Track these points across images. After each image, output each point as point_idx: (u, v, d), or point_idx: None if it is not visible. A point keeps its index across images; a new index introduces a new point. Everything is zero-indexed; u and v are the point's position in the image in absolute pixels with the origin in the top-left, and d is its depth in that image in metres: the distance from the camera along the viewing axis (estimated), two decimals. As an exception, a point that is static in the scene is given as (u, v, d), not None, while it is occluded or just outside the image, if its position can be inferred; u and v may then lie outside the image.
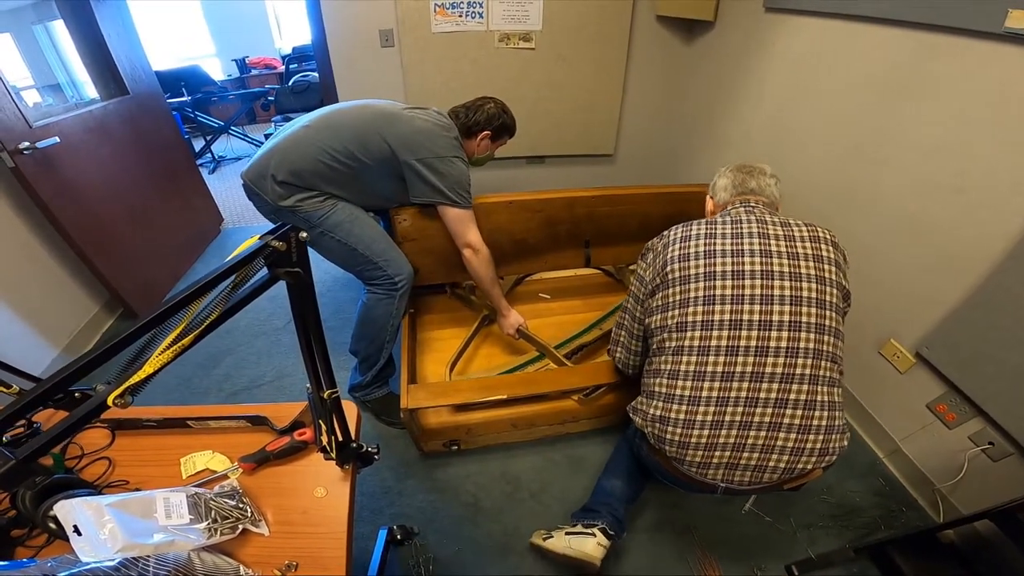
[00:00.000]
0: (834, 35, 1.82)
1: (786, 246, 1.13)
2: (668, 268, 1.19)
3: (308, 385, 0.79)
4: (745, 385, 1.09)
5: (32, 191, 1.90)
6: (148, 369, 0.48)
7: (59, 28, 2.45)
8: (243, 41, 6.03)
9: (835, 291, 1.11)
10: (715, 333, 1.11)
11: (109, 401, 0.46)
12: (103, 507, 0.72)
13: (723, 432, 1.10)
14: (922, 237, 1.55)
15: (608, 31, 2.67)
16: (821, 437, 1.08)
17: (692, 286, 1.14)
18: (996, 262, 1.36)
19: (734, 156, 1.47)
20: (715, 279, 1.12)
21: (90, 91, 2.53)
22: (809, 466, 1.10)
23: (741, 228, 1.17)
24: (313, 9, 2.43)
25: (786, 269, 1.11)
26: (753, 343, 1.08)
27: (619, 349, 1.46)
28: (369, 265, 1.71)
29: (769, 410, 1.08)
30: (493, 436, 1.78)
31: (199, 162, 4.46)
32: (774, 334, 1.08)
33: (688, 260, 1.17)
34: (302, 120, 1.65)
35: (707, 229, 1.20)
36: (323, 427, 0.83)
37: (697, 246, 1.17)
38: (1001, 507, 1.08)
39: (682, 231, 1.22)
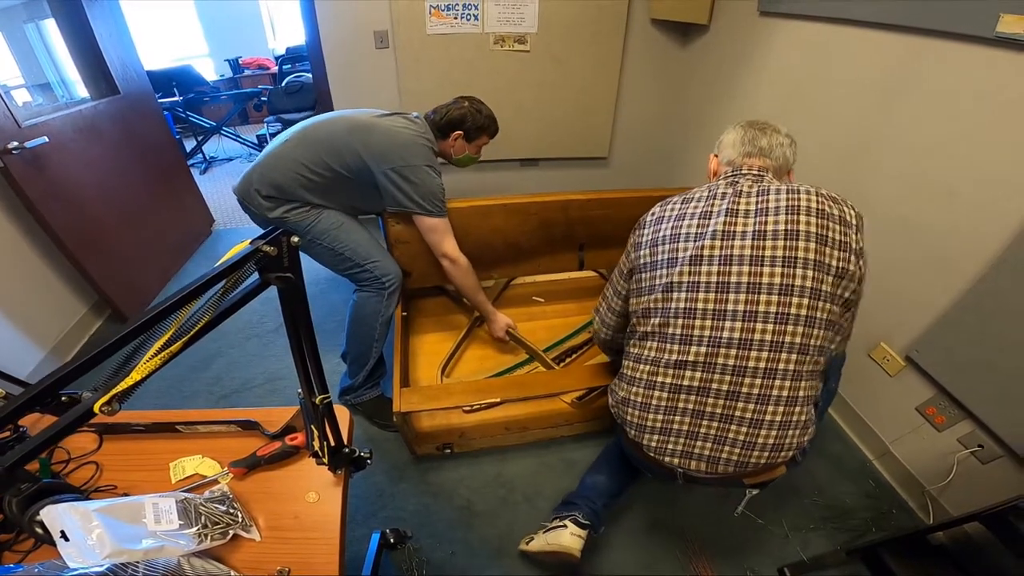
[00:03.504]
0: (827, 39, 1.83)
1: (754, 223, 1.03)
2: (641, 252, 1.17)
3: (300, 390, 0.79)
4: (698, 375, 1.06)
5: (20, 191, 1.88)
6: (135, 376, 0.47)
7: (50, 27, 2.43)
8: (236, 41, 5.99)
9: (812, 272, 0.99)
10: (671, 321, 1.09)
11: (96, 409, 0.46)
12: (90, 512, 0.71)
13: (676, 418, 1.10)
14: (913, 240, 1.57)
15: (603, 34, 2.68)
16: (775, 432, 1.05)
17: (657, 273, 1.12)
18: (986, 266, 1.37)
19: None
20: (676, 265, 1.08)
21: (80, 90, 2.51)
22: (763, 460, 1.07)
23: (712, 206, 1.09)
24: (307, 10, 2.42)
25: (747, 252, 1.01)
26: (707, 333, 1.05)
27: (596, 318, 1.45)
28: (357, 268, 1.74)
29: (721, 401, 1.06)
30: (486, 439, 1.77)
31: (190, 163, 4.42)
32: (727, 324, 1.03)
33: (656, 246, 1.13)
34: (283, 135, 1.70)
35: (679, 209, 1.13)
36: (315, 432, 0.83)
37: (666, 230, 1.12)
38: (990, 509, 1.09)
39: (659, 211, 1.18)
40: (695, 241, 1.07)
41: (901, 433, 1.70)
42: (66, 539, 0.69)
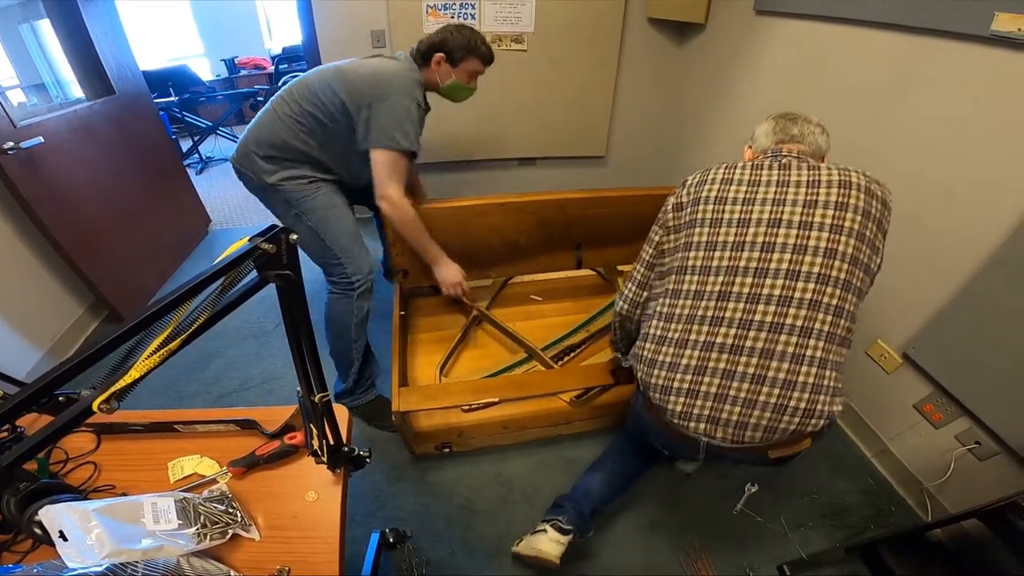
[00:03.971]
0: (824, 38, 1.83)
1: (805, 193, 1.06)
2: (683, 212, 1.17)
3: (299, 388, 0.78)
4: (732, 332, 1.05)
5: (16, 191, 1.87)
6: (134, 374, 0.47)
7: (45, 27, 2.42)
8: (232, 41, 5.98)
9: (855, 242, 1.02)
10: (711, 279, 1.09)
11: (94, 407, 0.45)
12: (89, 512, 0.71)
13: (706, 379, 1.07)
14: (910, 238, 1.57)
15: (600, 33, 2.68)
16: (807, 396, 1.02)
17: (699, 230, 1.12)
18: (982, 264, 1.38)
19: (725, 157, 1.46)
20: (721, 225, 1.10)
21: (75, 91, 2.50)
22: (792, 427, 1.03)
23: (760, 175, 1.11)
24: (304, 9, 2.41)
25: (796, 217, 1.04)
26: (747, 290, 1.05)
27: (621, 298, 1.41)
28: (332, 258, 1.68)
29: (754, 360, 1.04)
30: (485, 439, 1.77)
31: (186, 163, 4.41)
32: (769, 281, 1.04)
33: (699, 204, 1.14)
34: (273, 97, 1.67)
35: (725, 174, 1.15)
36: (314, 431, 0.82)
37: (711, 191, 1.13)
38: (989, 506, 1.09)
39: (700, 175, 1.18)
40: (743, 205, 1.09)
41: (899, 431, 1.71)
42: (64, 539, 0.69)
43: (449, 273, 1.85)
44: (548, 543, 1.33)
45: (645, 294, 1.32)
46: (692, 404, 1.09)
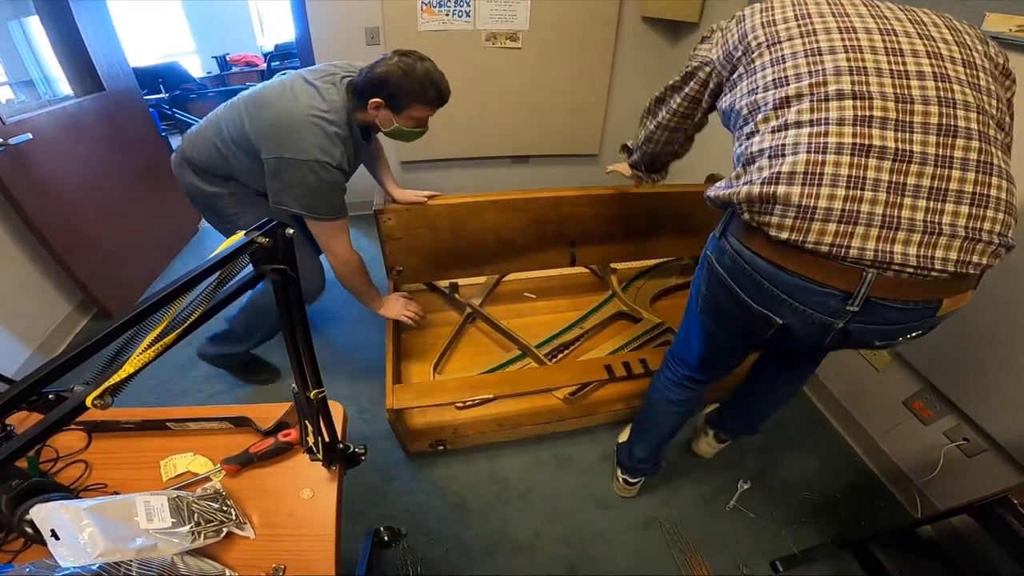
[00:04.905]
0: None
1: (915, 28, 0.82)
2: (757, 33, 0.91)
3: (294, 384, 0.78)
4: (889, 134, 0.76)
5: (4, 188, 1.85)
6: (129, 368, 0.46)
7: (34, 24, 2.39)
8: (224, 38, 5.92)
9: (995, 101, 0.80)
10: (832, 78, 0.80)
11: (88, 402, 0.45)
12: (81, 511, 0.70)
13: (868, 194, 0.76)
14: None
15: (594, 31, 2.68)
16: (1001, 217, 0.76)
17: (790, 43, 0.86)
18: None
19: (719, 155, 1.48)
20: (816, 35, 0.84)
21: (63, 87, 2.47)
22: (984, 260, 0.76)
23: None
24: (298, 6, 2.40)
25: (911, 28, 0.82)
26: (888, 90, 0.77)
27: (640, 140, 1.30)
28: None
29: (929, 169, 0.75)
30: (479, 436, 1.77)
31: (178, 160, 4.37)
32: (915, 83, 0.78)
33: (774, 25, 0.89)
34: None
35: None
36: (309, 427, 0.82)
37: (779, 11, 0.90)
38: (978, 502, 1.10)
39: (749, 10, 0.95)
40: (835, 19, 0.85)
41: (888, 427, 1.72)
42: (56, 538, 0.68)
43: (391, 309, 1.78)
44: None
45: (679, 122, 1.18)
46: (848, 233, 0.77)
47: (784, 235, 0.80)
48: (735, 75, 0.97)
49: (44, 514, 0.70)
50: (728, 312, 1.02)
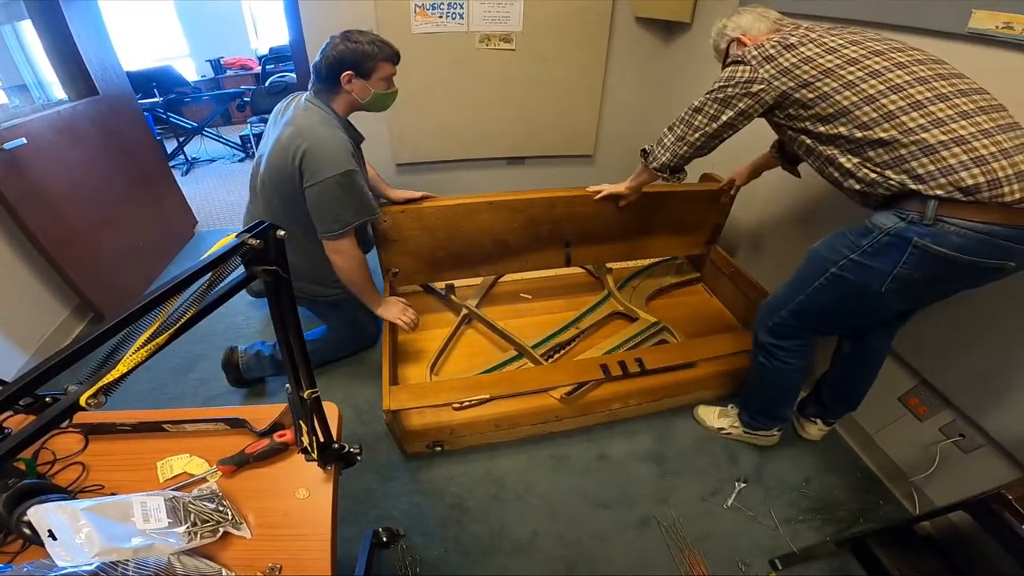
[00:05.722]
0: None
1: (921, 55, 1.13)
2: (811, 64, 1.16)
3: (287, 385, 0.78)
4: (959, 100, 1.04)
5: (-2, 193, 1.85)
6: (122, 368, 0.47)
7: (26, 28, 2.39)
8: (218, 41, 5.93)
9: None
10: (896, 94, 1.07)
11: (82, 401, 0.45)
12: (78, 511, 0.70)
13: (997, 139, 1.00)
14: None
15: (587, 32, 2.69)
16: None
17: (847, 69, 1.12)
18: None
19: (712, 156, 1.48)
20: (861, 61, 1.12)
21: (57, 92, 2.47)
22: None
23: (821, 30, 1.21)
24: (291, 9, 2.40)
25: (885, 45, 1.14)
26: (948, 87, 1.06)
27: (667, 152, 1.46)
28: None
29: (1013, 132, 1.02)
30: (477, 437, 1.77)
31: (172, 164, 4.36)
32: (939, 83, 1.06)
33: (813, 60, 1.15)
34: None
35: (801, 35, 1.21)
36: (304, 428, 0.82)
37: (815, 45, 1.17)
38: (975, 498, 1.10)
39: (778, 45, 1.21)
40: (851, 47, 1.14)
41: (885, 424, 1.73)
42: (54, 538, 0.68)
43: (389, 310, 1.82)
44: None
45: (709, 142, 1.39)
46: (1009, 167, 0.99)
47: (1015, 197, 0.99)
48: None
49: (41, 515, 0.70)
50: (953, 282, 1.18)
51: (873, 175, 1.13)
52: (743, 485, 1.69)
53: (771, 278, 2.06)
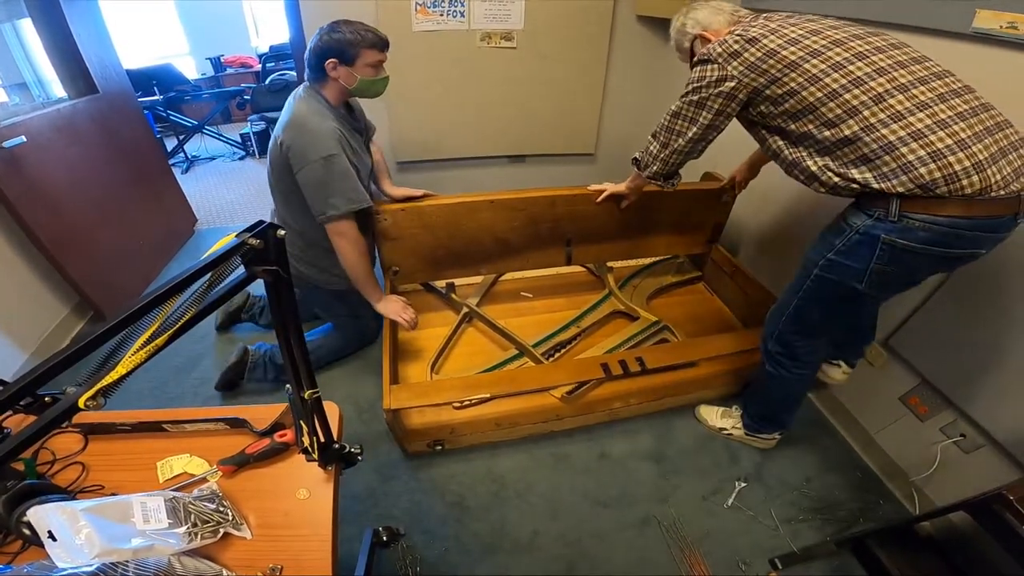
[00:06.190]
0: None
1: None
2: (776, 58, 1.13)
3: (288, 385, 0.78)
4: (941, 106, 1.02)
5: (-2, 191, 1.85)
6: (121, 370, 0.46)
7: (26, 26, 2.38)
8: (218, 39, 5.92)
9: None
10: (872, 83, 1.05)
11: (81, 403, 0.45)
12: (77, 512, 0.70)
13: (987, 140, 1.00)
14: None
15: (589, 30, 2.68)
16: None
17: (812, 62, 1.10)
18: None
19: (712, 152, 1.48)
20: (827, 51, 1.10)
21: (57, 90, 2.47)
22: None
23: (785, 20, 1.20)
24: (292, 7, 2.39)
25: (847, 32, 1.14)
26: (906, 80, 1.05)
27: (658, 163, 1.47)
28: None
29: (980, 116, 1.02)
30: (477, 435, 1.77)
31: (172, 162, 4.37)
32: (903, 70, 1.06)
33: (782, 51, 1.13)
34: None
35: (761, 25, 1.19)
36: (304, 428, 0.82)
37: (780, 37, 1.14)
38: (975, 499, 1.09)
39: (743, 37, 1.18)
40: (818, 37, 1.13)
41: (885, 423, 1.73)
42: (53, 539, 0.68)
43: (389, 307, 1.83)
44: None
45: (698, 147, 1.39)
46: (994, 166, 0.99)
47: (974, 191, 0.99)
48: None
49: (41, 515, 0.70)
50: (920, 271, 1.18)
51: (836, 179, 1.13)
52: (743, 484, 1.69)
53: (773, 277, 2.06)
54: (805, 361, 1.49)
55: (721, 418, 1.85)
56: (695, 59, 1.30)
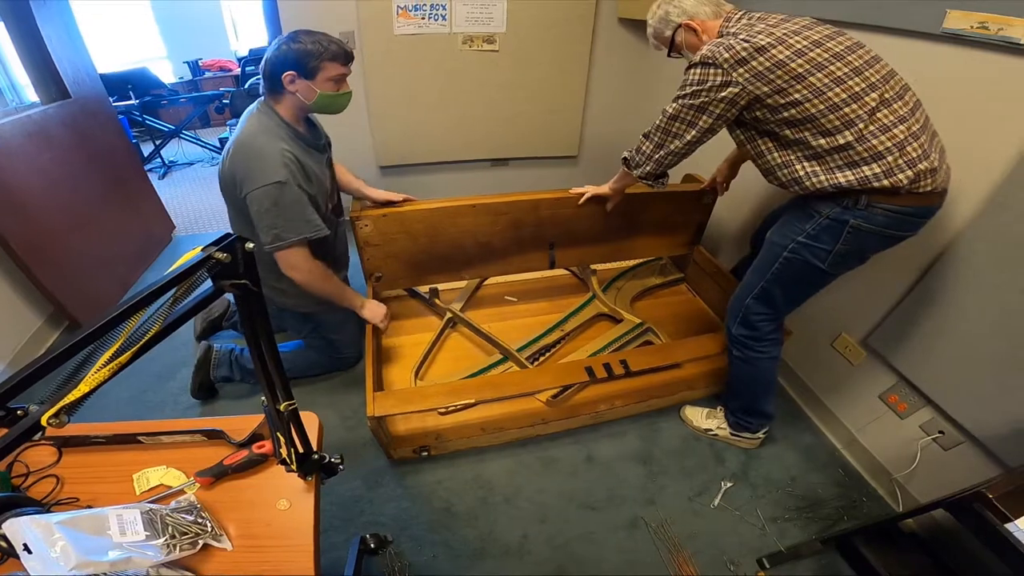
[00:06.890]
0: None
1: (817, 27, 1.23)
2: (784, 69, 1.17)
3: (263, 398, 0.77)
4: (917, 114, 1.19)
5: (-33, 199, 1.80)
6: (84, 388, 0.45)
7: (-2, 29, 2.33)
8: (196, 43, 5.82)
9: None
10: (850, 96, 1.16)
11: (43, 421, 0.43)
12: (52, 525, 0.69)
13: (921, 141, 1.17)
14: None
15: (571, 33, 2.69)
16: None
17: (816, 75, 1.16)
18: (935, 257, 1.43)
19: (696, 156, 1.49)
20: (825, 67, 1.17)
21: (30, 95, 2.41)
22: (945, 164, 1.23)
23: (782, 24, 1.23)
24: (270, 10, 2.37)
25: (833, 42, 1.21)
26: (889, 91, 1.18)
27: (650, 165, 1.47)
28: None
29: (917, 116, 1.19)
30: (463, 441, 1.76)
31: (148, 167, 4.29)
32: (868, 71, 1.18)
33: (787, 63, 1.17)
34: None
35: (760, 28, 1.23)
36: (282, 440, 0.81)
37: (785, 48, 1.18)
38: (956, 497, 1.10)
39: (744, 44, 1.19)
40: (817, 49, 1.18)
41: (866, 421, 1.75)
42: (29, 552, 0.67)
43: (374, 312, 1.81)
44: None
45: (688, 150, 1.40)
46: (930, 163, 1.17)
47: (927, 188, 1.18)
48: None
49: (16, 528, 0.69)
50: (870, 250, 1.33)
51: (821, 183, 1.24)
52: (730, 484, 1.70)
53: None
54: (770, 340, 1.56)
55: (706, 419, 1.86)
56: (696, 59, 1.28)
